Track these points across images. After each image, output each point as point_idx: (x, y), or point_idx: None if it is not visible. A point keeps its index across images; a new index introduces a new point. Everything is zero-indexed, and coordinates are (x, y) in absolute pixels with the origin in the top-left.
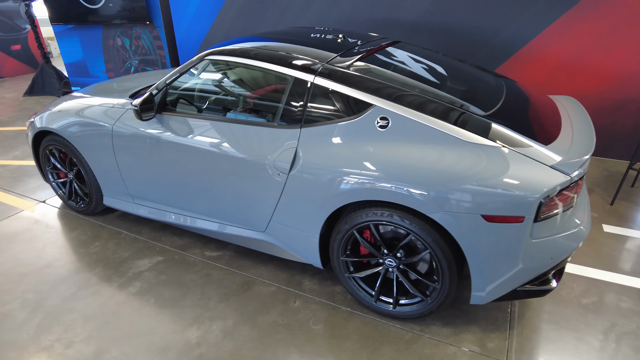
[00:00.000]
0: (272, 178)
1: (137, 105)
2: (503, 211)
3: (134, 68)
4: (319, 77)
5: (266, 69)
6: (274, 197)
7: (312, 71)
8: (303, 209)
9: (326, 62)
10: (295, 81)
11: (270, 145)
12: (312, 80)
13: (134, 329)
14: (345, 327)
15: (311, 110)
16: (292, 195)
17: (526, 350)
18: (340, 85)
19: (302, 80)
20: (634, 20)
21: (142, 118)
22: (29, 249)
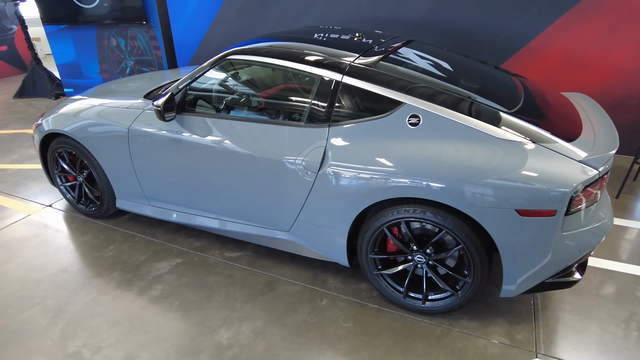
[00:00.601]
0: (300, 177)
1: (159, 106)
2: (536, 205)
3: (130, 69)
4: (347, 76)
5: (292, 68)
6: (301, 196)
7: (339, 70)
8: (332, 207)
9: (352, 61)
10: (323, 80)
11: (297, 144)
12: (340, 79)
13: (162, 333)
14: (375, 324)
15: (339, 109)
16: (320, 194)
17: (553, 340)
18: (369, 84)
19: (329, 79)
20: (633, 19)
21: (165, 118)
22: (41, 254)
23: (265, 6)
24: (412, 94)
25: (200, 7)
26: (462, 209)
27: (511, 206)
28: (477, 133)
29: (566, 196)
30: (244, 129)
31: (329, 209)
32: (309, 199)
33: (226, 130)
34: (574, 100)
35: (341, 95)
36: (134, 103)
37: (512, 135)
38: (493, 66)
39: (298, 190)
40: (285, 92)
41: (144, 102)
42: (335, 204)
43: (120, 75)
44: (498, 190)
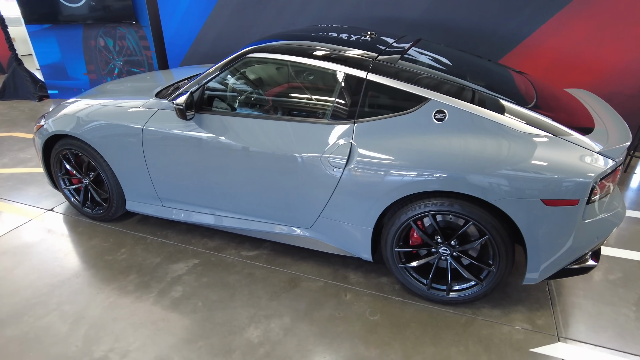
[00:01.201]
0: (326, 174)
1: (181, 104)
2: (561, 195)
3: (118, 69)
4: (372, 73)
5: (314, 66)
6: (326, 193)
7: (364, 67)
8: (358, 203)
9: (375, 59)
10: (347, 77)
11: (323, 141)
12: (364, 77)
13: (189, 334)
14: (401, 316)
15: (364, 106)
16: (347, 190)
17: (572, 324)
18: (394, 81)
19: (354, 76)
20: (622, 18)
21: (186, 117)
22: (49, 260)
23: (261, 5)
24: (437, 90)
25: (192, 6)
26: (490, 201)
27: (537, 196)
28: (501, 127)
29: (588, 186)
30: (266, 126)
31: (355, 204)
32: (334, 195)
33: (247, 128)
34: (578, 96)
35: (366, 92)
36: (146, 102)
37: (534, 129)
38: (497, 63)
39: (323, 186)
40: (306, 89)
41: (157, 101)
42: (362, 199)
43: (108, 76)
44: (524, 181)
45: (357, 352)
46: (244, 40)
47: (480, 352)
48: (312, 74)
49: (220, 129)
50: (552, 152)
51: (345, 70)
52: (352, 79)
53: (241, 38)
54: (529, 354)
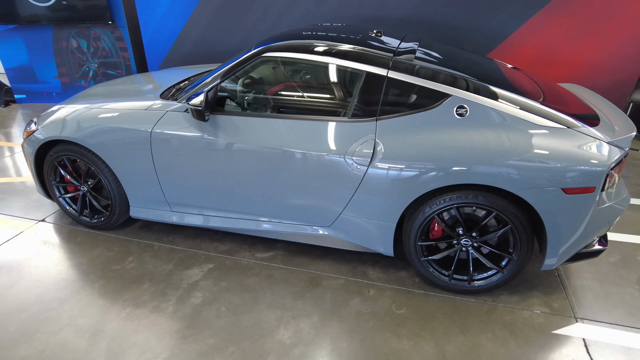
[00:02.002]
0: (349, 172)
1: (200, 105)
2: (579, 183)
3: (93, 72)
4: (393, 70)
5: (333, 64)
6: (348, 191)
7: (384, 65)
8: (382, 199)
9: (393, 57)
10: (368, 75)
11: (345, 139)
12: (385, 74)
13: (219, 340)
14: (427, 308)
15: (386, 103)
16: (370, 187)
17: (586, 306)
18: (415, 78)
19: (375, 74)
20: (596, 16)
21: (205, 118)
22: (52, 273)
23: (246, 4)
24: (456, 86)
25: (173, 5)
26: (514, 192)
27: (558, 185)
28: (520, 121)
29: (603, 174)
30: (285, 126)
31: (379, 201)
32: (357, 192)
33: (266, 128)
34: (573, 90)
35: (387, 89)
36: (153, 104)
37: (550, 122)
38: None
39: (345, 184)
40: (324, 88)
41: (164, 102)
42: (386, 196)
43: (82, 79)
44: (546, 172)
45: (391, 346)
46: (227, 41)
47: (507, 337)
48: (329, 72)
49: (237, 129)
50: (570, 143)
51: (366, 68)
52: (373, 77)
53: (225, 39)
54: (552, 335)
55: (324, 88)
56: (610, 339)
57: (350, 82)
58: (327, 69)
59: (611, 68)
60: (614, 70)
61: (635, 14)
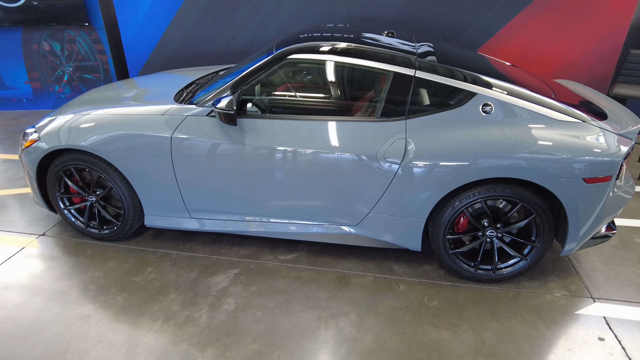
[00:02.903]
0: (381, 171)
1: (230, 109)
2: (598, 173)
3: (68, 76)
4: (420, 71)
5: (361, 65)
6: (379, 189)
7: (412, 65)
8: (413, 196)
9: (417, 57)
10: (396, 76)
11: (376, 139)
12: (413, 74)
13: (262, 345)
14: (457, 298)
15: (414, 103)
16: (402, 185)
17: (599, 286)
18: (441, 77)
19: (403, 74)
20: (575, 15)
21: (236, 122)
22: (67, 289)
23: (232, 5)
24: (480, 84)
25: (155, 6)
26: (541, 183)
27: (579, 176)
28: (540, 117)
29: (618, 163)
30: (314, 127)
31: (410, 198)
32: (388, 190)
33: (295, 130)
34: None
35: (415, 89)
36: (169, 109)
37: (567, 117)
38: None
39: (376, 183)
40: (351, 88)
41: (182, 107)
42: (418, 192)
43: (55, 84)
44: (570, 163)
45: (432, 337)
46: (214, 42)
47: (536, 320)
48: (356, 73)
49: (266, 132)
50: (588, 136)
51: (393, 68)
52: (400, 77)
53: (211, 40)
54: (576, 316)
55: (351, 89)
56: (627, 315)
57: (378, 82)
58: (353, 70)
59: (588, 64)
60: (591, 65)
61: (609, 13)
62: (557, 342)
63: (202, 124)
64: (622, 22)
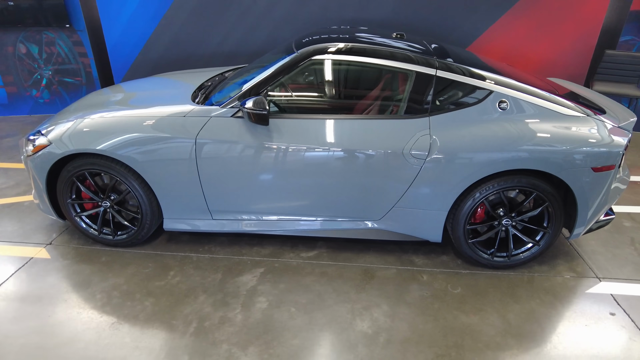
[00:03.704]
0: (406, 166)
1: (263, 109)
2: (604, 162)
3: (47, 80)
4: (441, 70)
5: (384, 65)
6: (404, 184)
7: (432, 65)
8: (437, 189)
9: (436, 57)
10: (418, 75)
11: (402, 136)
12: (434, 74)
13: (303, 339)
14: (478, 285)
15: (436, 100)
16: (426, 179)
17: (602, 267)
18: (460, 76)
19: (425, 74)
20: (553, 18)
21: (268, 122)
22: (89, 297)
23: (223, 6)
24: (497, 82)
25: (142, 7)
26: (555, 173)
27: (588, 165)
28: (551, 112)
29: (620, 153)
30: (341, 126)
31: (434, 191)
32: (412, 185)
33: (322, 129)
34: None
35: (436, 87)
36: (191, 110)
37: (573, 112)
38: None
39: (402, 178)
40: (374, 88)
41: (203, 107)
42: (441, 186)
43: (33, 88)
44: (580, 154)
45: (462, 322)
46: (203, 44)
47: (553, 301)
48: (379, 73)
49: (294, 131)
50: (593, 129)
51: (415, 68)
52: (423, 76)
53: (200, 43)
54: (587, 295)
55: (374, 88)
56: (630, 291)
57: (401, 81)
58: (375, 71)
59: (565, 63)
60: (567, 64)
61: (584, 16)
62: (574, 319)
63: (228, 125)
64: (594, 25)
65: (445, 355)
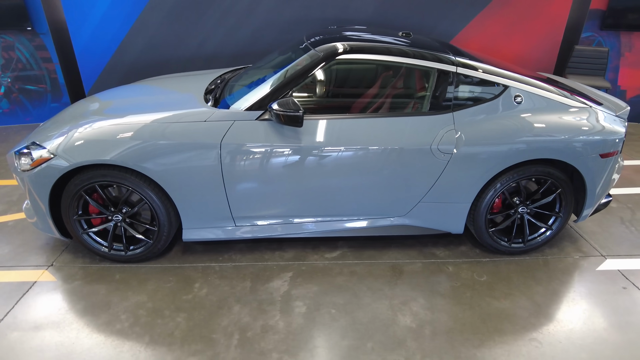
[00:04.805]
0: (434, 161)
1: (294, 109)
2: (609, 149)
3: (5, 88)
4: (460, 67)
5: (407, 64)
6: (431, 179)
7: (452, 62)
8: (463, 181)
9: (453, 55)
10: (440, 72)
11: (429, 132)
12: (455, 71)
13: (352, 339)
14: (500, 271)
15: (458, 96)
16: (453, 173)
17: (604, 245)
18: (479, 73)
19: (446, 71)
20: (523, 16)
21: (301, 123)
22: (112, 319)
23: (202, 7)
24: (511, 78)
25: (114, 8)
26: (569, 161)
27: (597, 152)
28: (559, 104)
29: (622, 140)
30: (370, 125)
31: (460, 184)
32: (440, 179)
33: (351, 128)
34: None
35: (457, 84)
36: (214, 114)
37: (578, 104)
38: None
39: (430, 173)
40: (398, 86)
41: (225, 111)
42: (466, 178)
43: None
44: (590, 142)
45: (496, 307)
46: (182, 47)
47: (570, 280)
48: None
49: (322, 132)
50: (597, 119)
51: (438, 66)
52: (444, 73)
53: (178, 45)
54: (598, 272)
55: (398, 86)
56: (634, 266)
57: (424, 79)
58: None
59: (535, 58)
60: (536, 59)
61: (551, 14)
62: (593, 295)
63: (253, 128)
64: (559, 22)
65: (489, 340)
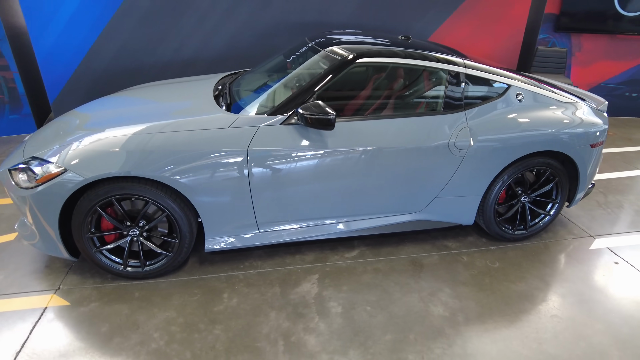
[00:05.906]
0: (451, 157)
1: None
2: (597, 139)
3: None
4: (469, 69)
5: (422, 66)
6: (448, 173)
7: (461, 64)
8: (476, 176)
9: (459, 56)
10: (452, 73)
11: (446, 130)
12: (464, 71)
13: (394, 334)
14: (508, 258)
15: (468, 96)
16: (468, 167)
17: (590, 227)
18: (485, 73)
19: (457, 72)
20: (490, 18)
21: (332, 126)
22: (144, 339)
23: (178, 11)
24: (511, 77)
25: (82, 11)
26: (566, 152)
27: (588, 143)
28: (553, 100)
29: (606, 130)
30: (393, 126)
31: (473, 177)
32: (455, 174)
33: (376, 129)
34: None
35: (467, 84)
36: (237, 120)
37: (567, 99)
38: None
39: (447, 169)
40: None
41: (248, 117)
42: (480, 173)
43: None
44: (583, 134)
45: (514, 290)
46: (157, 52)
47: (570, 261)
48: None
49: (348, 134)
50: (585, 112)
51: (450, 67)
52: (455, 74)
53: (153, 50)
54: (591, 251)
55: (415, 87)
56: (620, 242)
57: (437, 80)
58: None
59: (499, 58)
60: (501, 59)
61: (514, 17)
62: (593, 272)
63: (279, 133)
64: (520, 24)
65: (517, 321)
